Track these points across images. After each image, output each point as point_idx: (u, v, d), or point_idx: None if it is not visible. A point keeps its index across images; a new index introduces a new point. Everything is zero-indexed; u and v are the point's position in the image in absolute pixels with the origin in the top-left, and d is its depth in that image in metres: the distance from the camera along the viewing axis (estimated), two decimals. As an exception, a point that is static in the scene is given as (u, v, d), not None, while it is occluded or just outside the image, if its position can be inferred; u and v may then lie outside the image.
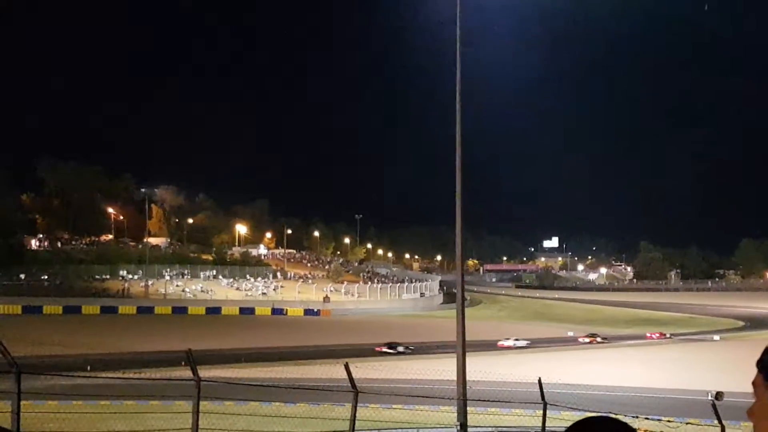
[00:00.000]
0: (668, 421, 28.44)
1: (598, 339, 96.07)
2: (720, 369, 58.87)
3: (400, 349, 79.89)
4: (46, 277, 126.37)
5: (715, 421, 18.98)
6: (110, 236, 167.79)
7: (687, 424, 28.10)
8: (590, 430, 1.98)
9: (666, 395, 48.73)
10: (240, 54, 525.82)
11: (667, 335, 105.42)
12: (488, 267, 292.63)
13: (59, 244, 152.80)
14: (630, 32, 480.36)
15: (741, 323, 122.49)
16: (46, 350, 59.15)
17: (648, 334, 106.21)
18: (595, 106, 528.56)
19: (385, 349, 78.80)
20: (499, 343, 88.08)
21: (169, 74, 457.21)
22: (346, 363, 16.11)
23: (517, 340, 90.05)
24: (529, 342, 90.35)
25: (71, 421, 29.18)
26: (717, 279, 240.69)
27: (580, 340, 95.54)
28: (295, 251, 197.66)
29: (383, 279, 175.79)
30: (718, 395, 19.28)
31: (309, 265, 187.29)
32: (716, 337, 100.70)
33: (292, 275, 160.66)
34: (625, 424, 2.01)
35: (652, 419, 29.81)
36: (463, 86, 29.04)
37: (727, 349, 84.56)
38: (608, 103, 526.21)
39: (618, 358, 77.05)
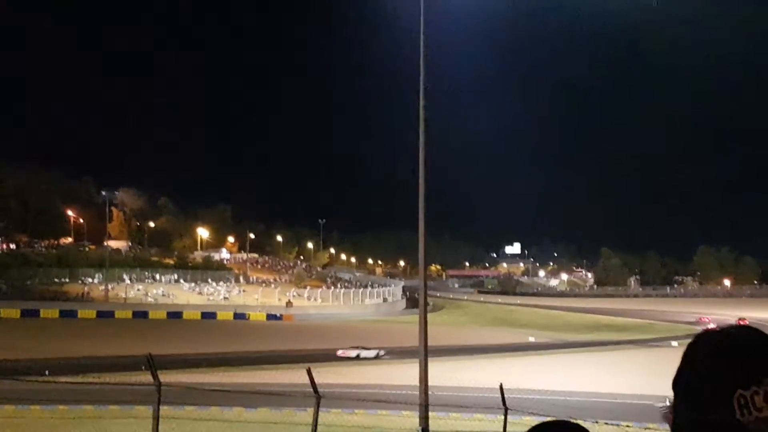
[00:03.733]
0: (627, 425, 28.67)
1: None
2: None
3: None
4: (3, 280, 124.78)
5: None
6: (70, 239, 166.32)
7: (645, 429, 28.30)
8: None
9: (625, 400, 48.99)
10: (204, 56, 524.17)
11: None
12: (451, 272, 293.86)
13: (17, 247, 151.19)
14: (590, 49, 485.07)
15: (699, 329, 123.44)
16: (3, 354, 58.49)
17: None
18: (557, 116, 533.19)
19: None
20: None
21: (132, 76, 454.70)
22: (309, 368, 16.05)
23: None
24: None
25: (29, 426, 28.92)
26: (675, 285, 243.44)
27: None
28: (257, 256, 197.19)
29: (346, 284, 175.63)
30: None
31: (272, 269, 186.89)
32: (674, 343, 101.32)
33: (255, 280, 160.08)
34: (582, 427, 2.06)
35: (611, 424, 30.01)
36: (427, 95, 29.09)
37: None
38: (569, 112, 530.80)
39: (578, 363, 77.42)
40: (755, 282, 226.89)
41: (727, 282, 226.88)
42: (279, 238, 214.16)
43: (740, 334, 1.79)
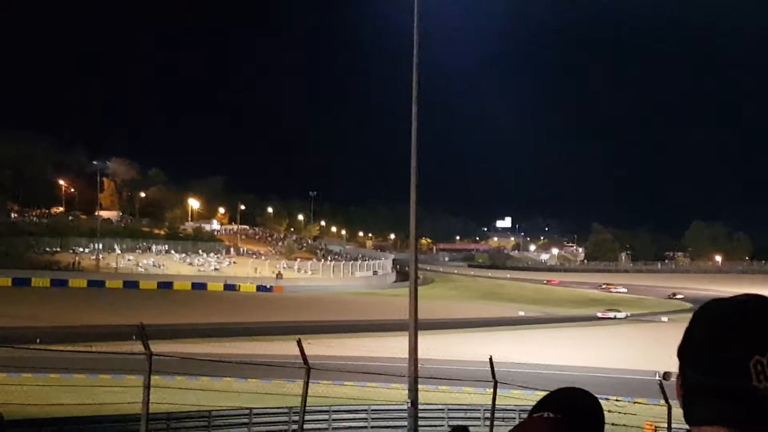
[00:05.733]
0: (616, 400, 28.84)
1: None
2: (668, 350, 59.45)
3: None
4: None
5: (662, 401, 19.38)
6: (61, 209, 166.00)
7: (634, 403, 28.53)
8: (563, 399, 2.07)
9: (614, 375, 49.36)
10: (195, 27, 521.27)
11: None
12: (441, 246, 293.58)
13: (9, 216, 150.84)
14: (586, 30, 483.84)
15: (689, 305, 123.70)
16: (-6, 322, 58.59)
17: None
18: (551, 90, 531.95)
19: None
20: None
21: (124, 47, 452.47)
22: (299, 339, 16.12)
23: None
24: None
25: (20, 394, 29.04)
26: (666, 261, 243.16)
27: None
28: (248, 227, 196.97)
29: (336, 256, 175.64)
30: (666, 375, 19.68)
31: (262, 241, 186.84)
32: (664, 318, 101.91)
33: (245, 251, 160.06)
34: (593, 395, 2.08)
35: (600, 398, 30.10)
36: (421, 69, 29.01)
37: (675, 330, 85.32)
38: (564, 86, 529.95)
39: (568, 337, 77.78)
40: (747, 258, 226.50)
41: (718, 258, 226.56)
42: (270, 209, 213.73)
43: (754, 301, 1.76)
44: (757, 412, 1.64)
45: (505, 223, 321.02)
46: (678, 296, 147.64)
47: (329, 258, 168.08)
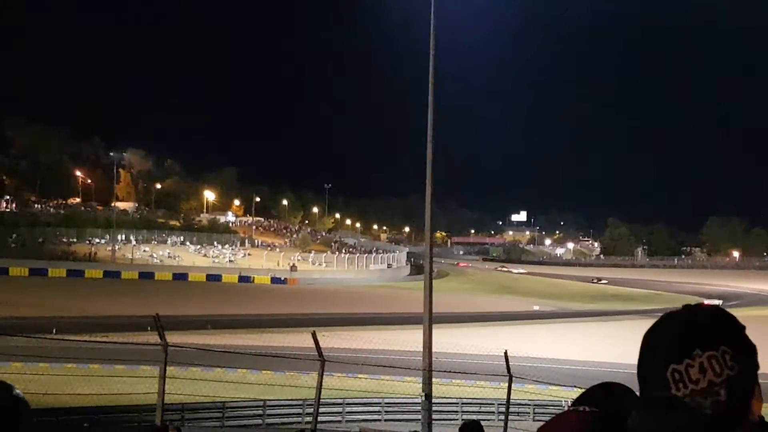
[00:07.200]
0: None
1: None
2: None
3: None
4: (13, 238, 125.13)
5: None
6: (78, 199, 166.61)
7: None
8: (601, 393, 2.08)
9: (629, 370, 49.14)
10: (211, 16, 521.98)
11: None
12: (456, 239, 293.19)
13: (27, 206, 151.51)
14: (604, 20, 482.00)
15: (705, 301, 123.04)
16: (11, 311, 58.94)
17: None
18: (568, 84, 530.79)
19: None
20: None
21: (140, 39, 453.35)
22: (314, 331, 16.15)
23: None
24: None
25: (36, 383, 29.10)
26: (683, 256, 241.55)
27: None
28: (263, 219, 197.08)
29: (351, 249, 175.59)
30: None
31: (277, 233, 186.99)
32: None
33: (260, 243, 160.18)
34: (631, 390, 2.10)
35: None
36: (437, 61, 28.98)
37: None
38: (580, 81, 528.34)
39: (583, 332, 77.51)
40: (764, 254, 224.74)
41: (735, 253, 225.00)
42: (284, 202, 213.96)
43: (684, 312, 1.83)
44: (681, 421, 1.71)
45: (521, 216, 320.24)
46: (602, 281, 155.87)
47: (344, 250, 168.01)
